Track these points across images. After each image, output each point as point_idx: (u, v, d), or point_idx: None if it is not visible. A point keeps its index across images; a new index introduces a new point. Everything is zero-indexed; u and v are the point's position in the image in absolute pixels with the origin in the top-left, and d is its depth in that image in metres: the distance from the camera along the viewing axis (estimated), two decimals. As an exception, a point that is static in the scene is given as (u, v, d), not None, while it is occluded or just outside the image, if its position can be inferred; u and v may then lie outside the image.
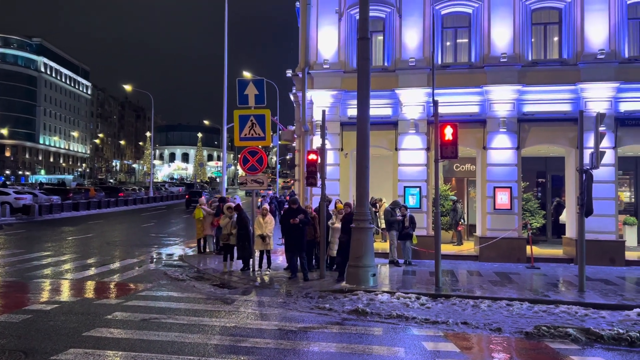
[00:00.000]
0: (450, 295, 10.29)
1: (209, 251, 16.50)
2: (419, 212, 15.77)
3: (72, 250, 17.14)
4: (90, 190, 45.07)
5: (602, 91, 15.20)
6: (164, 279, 12.31)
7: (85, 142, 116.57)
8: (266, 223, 12.89)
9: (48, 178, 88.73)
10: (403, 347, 7.13)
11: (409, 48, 16.39)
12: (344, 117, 16.75)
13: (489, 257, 15.30)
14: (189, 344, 7.01)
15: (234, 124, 13.12)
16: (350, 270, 11.35)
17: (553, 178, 19.29)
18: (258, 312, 9.17)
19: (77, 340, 7.03)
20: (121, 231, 24.74)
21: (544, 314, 9.11)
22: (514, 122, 15.73)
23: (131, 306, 9.25)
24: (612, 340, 7.51)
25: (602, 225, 14.66)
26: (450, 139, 11.34)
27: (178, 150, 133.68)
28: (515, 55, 15.78)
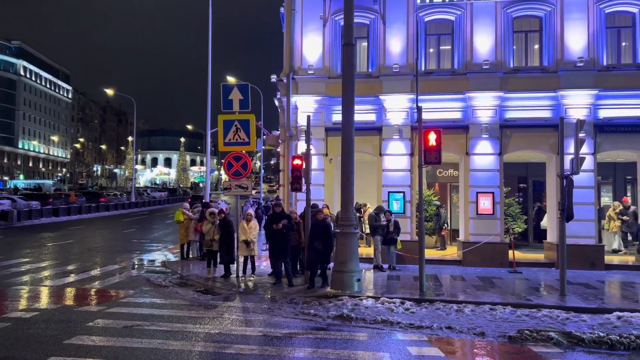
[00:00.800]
0: (434, 300, 10.35)
1: (192, 257, 16.36)
2: (402, 217, 15.85)
3: (52, 256, 16.84)
4: (71, 195, 44.37)
5: (582, 98, 15.49)
6: (147, 285, 12.17)
7: (65, 147, 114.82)
8: (250, 228, 12.83)
9: (27, 183, 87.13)
10: (388, 352, 7.14)
11: (393, 54, 16.52)
12: (329, 123, 16.79)
13: (472, 261, 15.42)
14: (173, 350, 6.93)
15: (218, 128, 13.05)
16: (335, 276, 11.35)
17: (534, 183, 19.56)
18: (242, 318, 9.11)
19: (58, 349, 6.90)
20: (102, 237, 24.40)
21: (526, 318, 9.21)
22: (496, 128, 15.93)
23: (113, 313, 9.12)
24: (593, 343, 7.62)
25: (582, 230, 14.90)
26: (434, 144, 11.43)
27: (160, 155, 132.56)
28: (497, 62, 16.01)
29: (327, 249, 11.78)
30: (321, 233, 11.65)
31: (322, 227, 11.75)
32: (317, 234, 11.65)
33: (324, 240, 11.59)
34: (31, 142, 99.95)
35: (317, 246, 11.53)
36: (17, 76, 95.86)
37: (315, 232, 11.73)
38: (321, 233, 11.65)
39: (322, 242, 11.55)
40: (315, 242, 11.57)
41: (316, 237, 11.62)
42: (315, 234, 11.70)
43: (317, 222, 11.91)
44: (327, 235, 11.74)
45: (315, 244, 11.56)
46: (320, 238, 11.58)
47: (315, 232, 11.73)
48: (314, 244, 11.61)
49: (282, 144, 17.92)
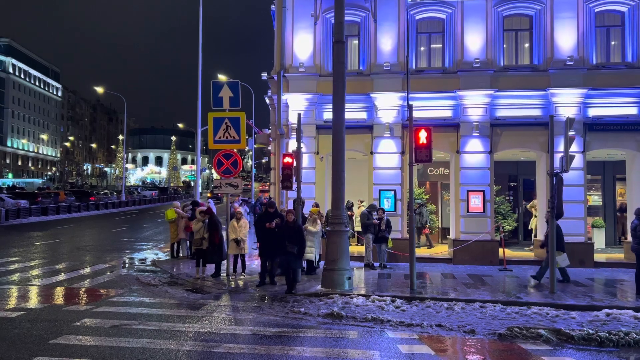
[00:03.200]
0: (424, 298, 10.34)
1: (182, 256, 16.25)
2: (394, 216, 15.84)
3: (40, 255, 16.66)
4: (60, 194, 43.94)
5: (571, 97, 15.56)
6: (136, 284, 12.06)
7: (55, 146, 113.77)
8: (240, 227, 12.74)
9: (16, 182, 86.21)
10: (378, 350, 7.11)
11: (384, 52, 16.50)
12: (320, 121, 16.74)
13: (462, 259, 15.45)
14: (161, 350, 6.85)
15: (208, 126, 12.95)
16: (326, 274, 11.32)
17: (525, 182, 19.64)
18: (232, 317, 9.04)
19: (44, 349, 6.79)
20: (92, 236, 24.18)
21: (516, 316, 9.23)
22: (486, 126, 15.97)
23: (101, 312, 9.02)
24: (583, 340, 7.64)
25: (571, 228, 14.94)
26: (425, 142, 11.42)
27: (151, 154, 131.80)
28: (488, 61, 16.04)
29: (300, 252, 11.21)
30: (292, 235, 11.02)
31: (294, 230, 11.13)
32: (289, 237, 11.00)
33: (297, 244, 11.01)
34: (20, 140, 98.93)
35: (290, 250, 10.91)
36: (5, 74, 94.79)
37: (287, 234, 11.07)
38: (292, 235, 11.02)
39: (295, 246, 10.97)
40: (288, 245, 10.92)
41: (288, 239, 10.96)
42: (287, 237, 11.02)
43: (287, 224, 11.25)
44: (300, 238, 11.16)
45: (288, 247, 10.92)
46: (293, 241, 10.97)
47: (287, 234, 11.07)
48: (286, 247, 10.95)
49: (273, 142, 17.85)
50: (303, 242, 11.27)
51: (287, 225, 11.26)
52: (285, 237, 11.04)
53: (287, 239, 10.98)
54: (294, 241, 10.96)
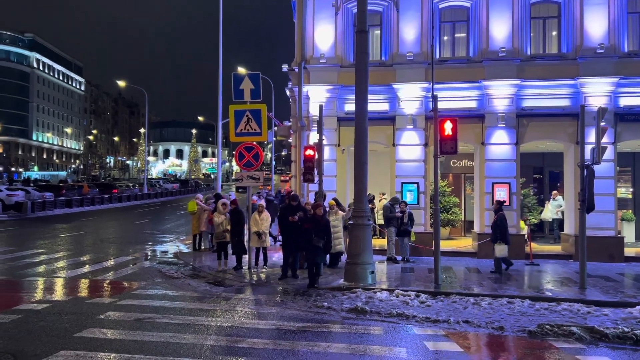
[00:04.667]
0: (450, 293, 10.13)
1: (204, 248, 16.27)
2: (416, 209, 15.60)
3: (65, 247, 16.87)
4: (84, 186, 44.63)
5: (602, 86, 15.05)
6: (159, 277, 12.09)
7: (78, 139, 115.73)
8: (262, 220, 12.67)
9: (41, 175, 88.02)
10: (405, 347, 6.95)
11: (407, 42, 16.18)
12: (341, 113, 16.53)
13: (487, 254, 15.10)
14: (184, 344, 6.80)
15: (229, 119, 12.87)
16: (349, 268, 11.17)
17: (550, 174, 19.17)
18: (255, 310, 8.97)
19: (69, 342, 6.80)
20: (115, 228, 24.46)
21: (546, 312, 8.96)
22: (512, 117, 15.57)
23: (125, 305, 9.03)
24: (617, 338, 7.36)
25: (601, 222, 14.55)
26: (450, 134, 11.15)
27: (172, 147, 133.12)
28: (514, 50, 15.60)
29: (326, 247, 11.11)
30: (322, 230, 10.87)
31: (323, 224, 10.98)
32: (317, 231, 10.78)
33: (324, 238, 10.86)
34: (45, 134, 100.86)
35: (317, 243, 10.72)
36: (30, 69, 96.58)
37: (315, 228, 10.84)
38: (322, 230, 10.87)
39: (322, 240, 10.79)
40: (315, 239, 10.71)
41: (316, 233, 10.74)
42: (315, 231, 10.79)
43: (316, 217, 11.05)
44: (327, 232, 11.09)
45: (315, 241, 10.71)
46: (320, 235, 10.78)
47: (315, 228, 10.84)
48: (312, 241, 10.73)
49: (293, 134, 17.72)
50: (330, 236, 11.15)
51: (315, 218, 11.04)
52: (313, 230, 10.81)
53: (315, 233, 10.77)
54: (321, 235, 10.78)
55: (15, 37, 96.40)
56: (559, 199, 17.27)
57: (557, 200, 17.27)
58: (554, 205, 17.22)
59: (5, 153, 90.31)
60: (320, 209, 11.12)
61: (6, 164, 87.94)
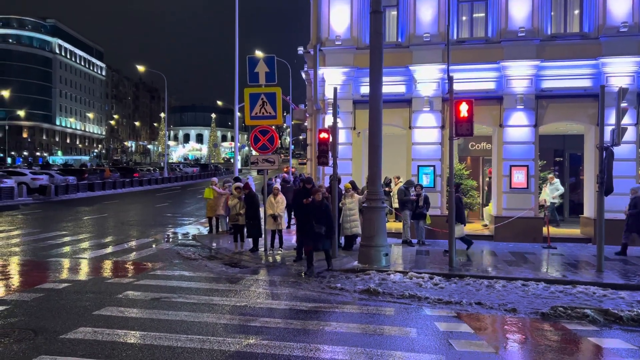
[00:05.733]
0: (464, 275, 10.12)
1: (222, 231, 16.49)
2: (433, 192, 15.53)
3: (87, 229, 17.27)
4: (106, 170, 45.43)
5: (624, 66, 14.67)
6: (177, 258, 12.33)
7: (100, 124, 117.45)
8: (277, 203, 12.78)
9: (65, 159, 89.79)
10: (415, 327, 7.00)
11: (424, 23, 15.95)
12: (357, 95, 16.45)
13: (504, 236, 15.04)
14: (199, 323, 6.96)
15: (245, 102, 12.92)
16: (363, 250, 11.24)
17: (571, 156, 18.83)
18: (269, 291, 9.11)
19: (87, 319, 7.02)
20: (136, 211, 24.92)
21: (560, 295, 8.90)
22: (531, 98, 15.30)
23: (143, 285, 9.25)
24: (632, 321, 7.29)
25: (622, 204, 14.26)
26: (466, 115, 11.02)
27: (192, 131, 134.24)
28: (534, 30, 15.26)
29: (329, 233, 10.64)
30: (321, 215, 10.42)
31: (321, 209, 10.50)
32: (316, 217, 10.40)
33: (325, 224, 10.43)
34: (68, 119, 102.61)
35: (317, 230, 10.34)
36: (52, 54, 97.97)
37: (313, 214, 10.48)
38: (321, 215, 10.42)
39: (323, 226, 10.40)
40: (316, 225, 10.33)
41: (316, 219, 10.37)
42: (314, 217, 10.43)
43: (314, 203, 10.62)
44: (327, 217, 10.55)
45: (316, 227, 10.33)
46: (321, 221, 10.37)
47: (313, 214, 10.48)
48: (313, 227, 10.37)
49: (309, 117, 17.72)
50: (331, 221, 10.72)
51: (314, 204, 10.60)
52: (312, 217, 10.45)
53: (315, 219, 10.40)
54: (321, 221, 10.38)
55: (38, 23, 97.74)
56: (556, 182, 16.85)
57: (553, 184, 16.80)
58: (550, 190, 16.80)
59: (30, 138, 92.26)
60: (318, 194, 10.67)
61: (31, 149, 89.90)
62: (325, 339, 6.49)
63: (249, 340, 6.28)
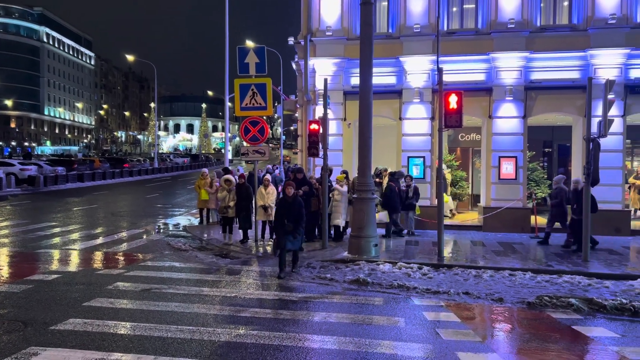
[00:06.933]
0: (452, 265, 10.24)
1: (212, 222, 16.50)
2: (422, 183, 15.63)
3: (77, 220, 17.20)
4: (95, 161, 45.13)
5: (612, 57, 14.78)
6: (167, 249, 12.35)
7: (89, 114, 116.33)
8: (268, 194, 12.80)
9: (54, 149, 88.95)
10: (403, 317, 7.09)
11: (414, 14, 15.94)
12: (347, 86, 16.46)
13: (492, 227, 15.19)
14: (189, 313, 7.01)
15: (235, 93, 12.89)
16: (352, 241, 11.32)
17: (560, 147, 19.01)
18: (259, 282, 9.17)
19: (77, 310, 7.04)
20: (126, 202, 24.83)
21: (546, 284, 9.05)
22: (520, 90, 15.39)
23: (133, 276, 9.27)
24: (615, 310, 7.44)
25: (608, 195, 14.47)
26: (455, 107, 11.07)
27: (183, 122, 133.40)
28: (524, 21, 15.32)
29: (300, 231, 9.76)
30: (292, 213, 9.56)
31: (294, 206, 9.64)
32: (288, 215, 9.54)
33: (295, 221, 9.52)
34: (56, 109, 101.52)
35: (287, 228, 9.43)
36: (40, 43, 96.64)
37: (286, 211, 9.59)
38: (292, 213, 9.56)
39: (293, 224, 9.48)
40: (287, 224, 9.46)
41: (287, 217, 9.51)
42: (286, 214, 9.55)
43: (286, 199, 9.74)
44: (299, 215, 9.63)
45: (287, 226, 9.45)
46: (292, 219, 9.50)
47: (286, 211, 9.59)
48: (284, 225, 9.49)
49: (300, 108, 17.69)
50: (302, 219, 9.71)
51: (286, 200, 9.70)
52: (284, 214, 9.56)
53: (286, 217, 9.50)
54: (292, 219, 9.49)
55: (25, 11, 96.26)
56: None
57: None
58: None
59: (18, 128, 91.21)
60: (289, 189, 9.82)
61: (19, 139, 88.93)
62: (314, 328, 6.56)
63: (239, 330, 6.34)
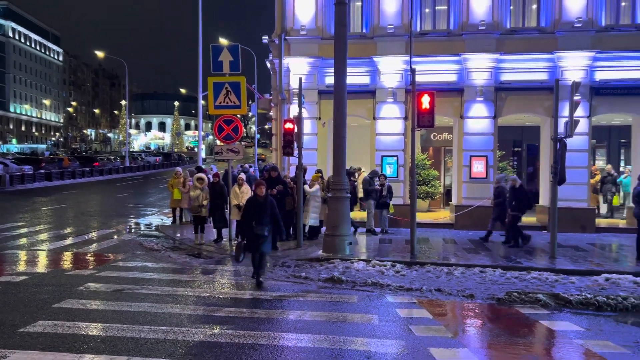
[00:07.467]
0: (425, 263, 10.41)
1: (185, 221, 16.32)
2: (396, 182, 15.82)
3: (46, 220, 16.81)
4: (64, 159, 44.06)
5: (579, 60, 15.23)
6: (139, 249, 12.18)
7: (58, 111, 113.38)
8: (242, 193, 12.72)
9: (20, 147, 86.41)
10: (377, 314, 7.19)
11: (388, 14, 16.10)
12: (322, 85, 16.51)
13: (464, 225, 15.49)
14: (162, 314, 6.95)
15: (208, 91, 12.79)
16: (327, 239, 11.38)
17: (529, 147, 19.48)
18: (233, 281, 9.14)
19: (47, 312, 6.90)
20: (96, 201, 24.35)
21: (515, 280, 9.29)
22: (491, 90, 15.72)
23: (104, 277, 9.13)
24: (580, 304, 7.70)
25: (574, 193, 14.92)
26: (427, 107, 11.26)
27: (154, 119, 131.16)
28: (494, 23, 15.64)
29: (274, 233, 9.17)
30: (262, 214, 8.61)
31: (264, 206, 8.68)
32: (258, 216, 8.59)
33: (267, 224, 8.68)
34: (23, 105, 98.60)
35: (257, 232, 8.55)
36: (5, 38, 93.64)
37: (256, 212, 8.61)
38: (262, 214, 8.61)
39: (264, 226, 8.61)
40: (256, 227, 8.55)
41: (257, 219, 8.57)
42: (256, 215, 8.59)
43: (257, 198, 8.73)
44: (272, 216, 8.76)
45: (257, 229, 8.54)
46: (263, 220, 8.60)
47: (256, 212, 8.61)
48: (253, 227, 8.57)
49: (274, 107, 17.68)
50: (278, 222, 8.96)
51: (257, 200, 8.71)
52: (253, 215, 8.61)
53: (257, 218, 8.58)
54: (264, 221, 8.61)
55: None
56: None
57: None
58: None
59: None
60: (261, 188, 8.80)
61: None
62: (289, 327, 6.60)
63: (213, 330, 6.32)
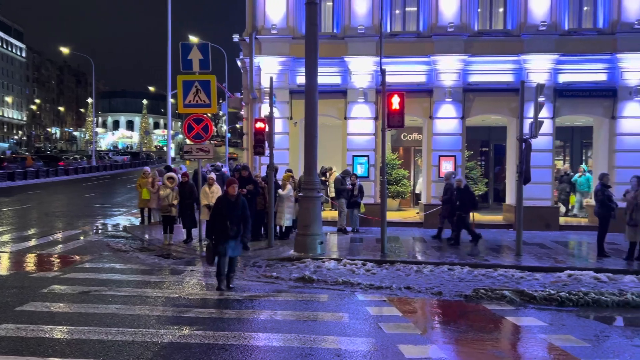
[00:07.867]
0: (395, 261, 10.54)
1: (154, 222, 16.06)
2: (367, 181, 15.93)
3: (7, 222, 16.29)
4: (27, 159, 42.71)
5: (543, 62, 15.65)
6: (107, 250, 11.94)
7: (21, 108, 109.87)
8: (212, 193, 12.62)
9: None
10: (347, 312, 7.25)
11: (359, 15, 16.19)
12: (293, 85, 16.49)
13: (433, 224, 15.63)
14: (130, 315, 6.84)
15: (178, 90, 12.63)
16: (299, 239, 11.39)
17: (496, 147, 19.91)
18: (203, 282, 9.06)
19: (9, 316, 6.70)
20: (62, 202, 23.73)
21: (482, 278, 9.49)
22: (459, 92, 15.99)
23: (70, 279, 8.92)
24: (544, 300, 7.93)
25: (539, 192, 15.32)
26: (397, 108, 11.38)
27: (122, 118, 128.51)
28: (462, 25, 15.92)
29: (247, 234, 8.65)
30: (234, 214, 8.22)
31: (237, 206, 8.28)
32: (230, 217, 8.18)
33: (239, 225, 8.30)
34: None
35: (232, 233, 8.18)
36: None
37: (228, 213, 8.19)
38: (234, 214, 8.22)
39: (234, 226, 8.20)
40: (230, 227, 8.15)
41: (230, 219, 8.16)
42: (228, 216, 8.18)
43: (228, 198, 8.32)
44: (243, 217, 8.37)
45: (230, 230, 8.15)
46: (235, 221, 8.22)
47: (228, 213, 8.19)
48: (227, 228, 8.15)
49: (245, 106, 17.57)
50: (248, 221, 8.57)
51: (228, 200, 8.29)
52: (225, 215, 8.19)
53: (228, 218, 8.17)
54: (236, 221, 8.24)
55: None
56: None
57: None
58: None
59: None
60: (233, 187, 8.35)
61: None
62: (260, 327, 6.59)
63: (182, 331, 6.26)
